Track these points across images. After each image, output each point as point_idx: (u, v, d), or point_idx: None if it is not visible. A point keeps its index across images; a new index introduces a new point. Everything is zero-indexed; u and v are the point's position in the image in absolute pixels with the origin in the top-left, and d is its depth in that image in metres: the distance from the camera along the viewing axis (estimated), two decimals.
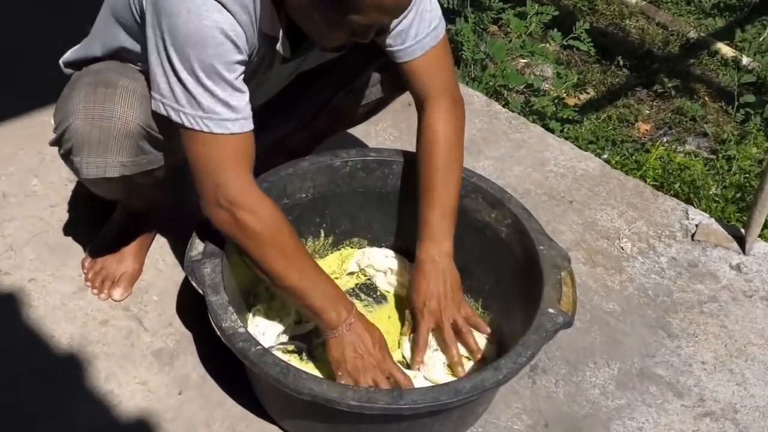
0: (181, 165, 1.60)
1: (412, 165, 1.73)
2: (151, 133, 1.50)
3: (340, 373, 1.51)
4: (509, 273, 1.71)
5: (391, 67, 1.65)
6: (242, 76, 1.39)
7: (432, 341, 1.67)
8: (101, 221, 1.90)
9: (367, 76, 1.80)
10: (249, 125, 1.41)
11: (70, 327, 1.75)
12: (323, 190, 1.78)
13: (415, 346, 1.65)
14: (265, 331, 1.65)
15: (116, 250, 1.83)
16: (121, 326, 1.76)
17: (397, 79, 1.68)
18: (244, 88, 1.40)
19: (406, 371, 1.58)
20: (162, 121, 1.50)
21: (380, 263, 1.86)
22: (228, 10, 1.33)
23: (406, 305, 1.73)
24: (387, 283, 1.86)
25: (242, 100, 1.39)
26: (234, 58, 1.36)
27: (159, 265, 1.90)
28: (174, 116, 1.38)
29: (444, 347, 1.64)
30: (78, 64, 1.60)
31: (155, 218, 1.89)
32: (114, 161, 1.49)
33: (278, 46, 1.47)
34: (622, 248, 2.11)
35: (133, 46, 1.52)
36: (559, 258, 1.60)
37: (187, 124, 1.37)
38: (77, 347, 1.71)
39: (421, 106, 1.66)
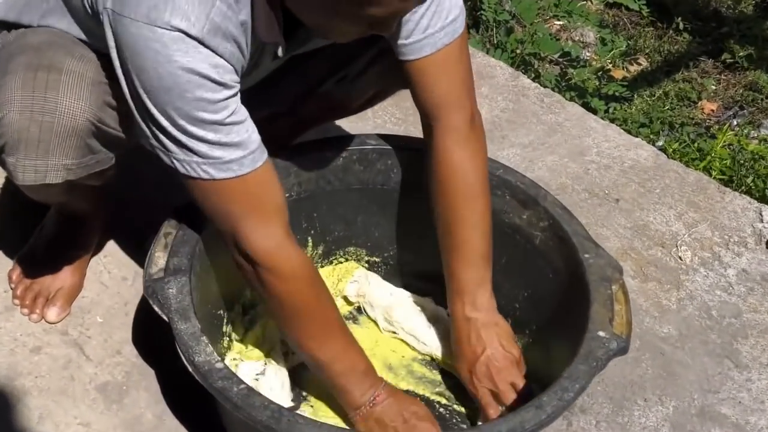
0: (132, 149, 1.62)
1: (421, 156, 1.75)
2: (102, 128, 1.52)
3: None
4: (546, 288, 1.73)
5: (392, 55, 1.66)
6: (236, 105, 1.40)
7: None
8: (32, 224, 1.93)
9: (365, 62, 1.80)
10: (261, 156, 1.43)
11: None
12: (310, 187, 1.80)
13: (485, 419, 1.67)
14: (241, 371, 1.68)
15: (51, 259, 1.86)
16: (58, 354, 1.79)
17: (399, 73, 1.70)
18: (242, 115, 1.41)
19: None
20: (117, 112, 1.51)
21: (378, 299, 1.88)
22: (206, 46, 1.32)
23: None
24: (384, 320, 1.87)
25: (244, 132, 1.40)
26: (220, 96, 1.35)
27: (103, 278, 1.93)
28: (167, 160, 1.40)
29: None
30: (7, 26, 1.61)
31: (98, 220, 1.91)
32: (56, 164, 1.50)
33: (279, 52, 1.48)
34: (680, 258, 2.14)
35: (80, 35, 1.53)
36: (609, 269, 1.62)
37: (182, 171, 1.40)
38: (4, 380, 1.73)
39: (428, 123, 1.66)
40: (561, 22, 3.23)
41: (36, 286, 1.84)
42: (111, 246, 1.97)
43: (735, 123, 2.94)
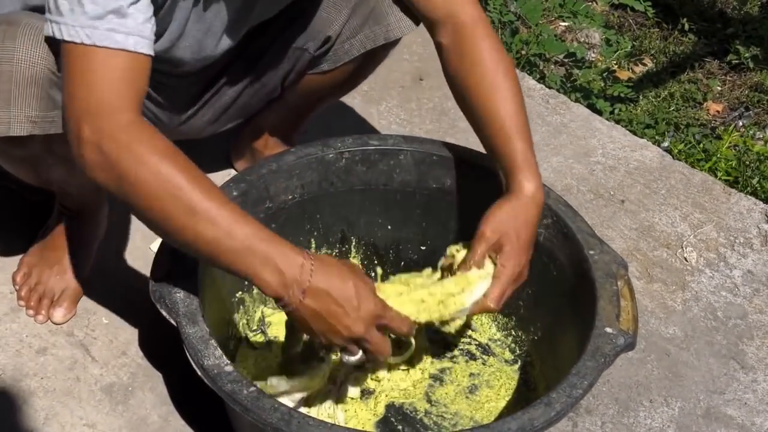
0: None
1: (425, 156, 1.78)
2: None
3: (320, 340, 1.42)
4: (551, 286, 1.75)
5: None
6: None
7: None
8: (36, 225, 1.95)
9: (343, 21, 1.82)
10: (144, 46, 1.37)
11: (0, 356, 1.79)
12: (313, 189, 1.81)
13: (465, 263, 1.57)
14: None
15: (55, 261, 1.87)
16: (64, 355, 1.81)
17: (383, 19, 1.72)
18: (149, 8, 1.38)
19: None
20: None
21: None
22: None
23: None
24: None
25: (141, 15, 1.36)
26: None
27: (109, 279, 1.94)
28: (55, 31, 1.35)
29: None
30: None
31: (101, 220, 1.92)
32: (20, 115, 1.50)
33: None
34: (685, 259, 2.16)
35: None
36: (614, 265, 1.64)
37: (66, 36, 1.34)
38: (10, 381, 1.75)
39: (438, 30, 1.66)
40: (566, 23, 3.25)
41: (41, 288, 1.85)
42: (116, 247, 1.99)
43: (740, 124, 2.95)
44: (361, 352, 1.43)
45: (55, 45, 1.46)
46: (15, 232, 1.99)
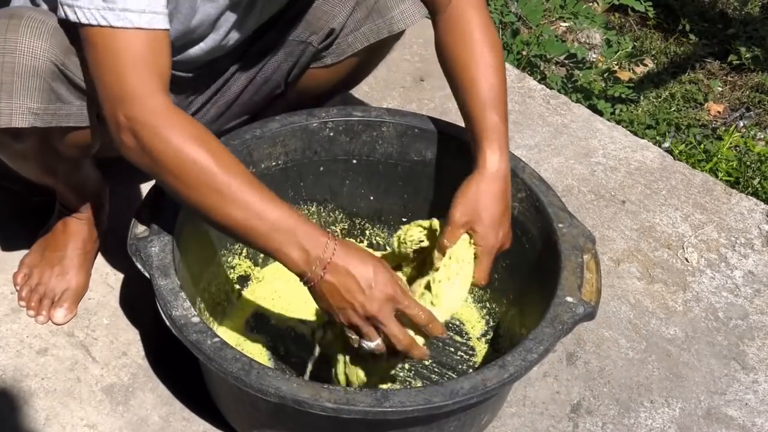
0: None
1: (407, 128, 1.82)
2: (67, 74, 1.52)
3: (339, 319, 1.44)
4: (523, 257, 1.78)
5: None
6: None
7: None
8: (37, 226, 1.95)
9: (347, 14, 1.83)
10: (161, 22, 1.39)
11: (1, 357, 1.79)
12: (297, 157, 1.85)
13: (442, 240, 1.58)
14: None
15: (56, 260, 1.87)
16: (64, 356, 1.80)
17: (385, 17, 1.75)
18: None
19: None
20: (83, 60, 1.51)
21: None
22: None
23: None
24: None
25: None
26: None
27: (109, 279, 1.94)
28: (71, 14, 1.38)
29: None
30: None
31: (103, 220, 1.92)
32: (22, 107, 1.50)
33: None
34: (686, 260, 2.15)
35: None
36: (581, 238, 1.66)
37: (83, 20, 1.36)
38: (10, 382, 1.75)
39: (440, 4, 1.68)
40: (567, 24, 3.25)
41: (42, 288, 1.85)
42: (117, 247, 1.98)
43: (741, 125, 2.95)
44: (380, 340, 1.44)
45: (63, 35, 1.48)
46: (15, 232, 1.99)
